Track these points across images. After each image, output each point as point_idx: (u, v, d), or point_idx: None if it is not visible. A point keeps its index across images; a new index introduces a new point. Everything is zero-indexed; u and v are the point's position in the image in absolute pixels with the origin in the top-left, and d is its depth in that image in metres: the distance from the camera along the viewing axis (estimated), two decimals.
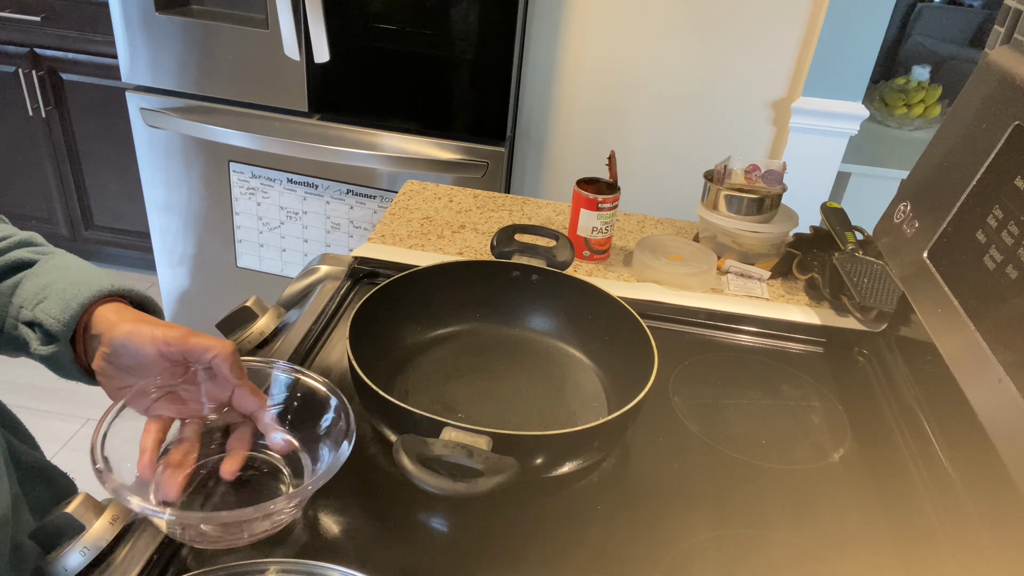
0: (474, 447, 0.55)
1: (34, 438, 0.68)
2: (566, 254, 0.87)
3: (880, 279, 0.88)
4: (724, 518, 0.63)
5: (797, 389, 0.81)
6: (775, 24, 1.82)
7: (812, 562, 0.60)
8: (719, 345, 0.88)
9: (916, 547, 0.63)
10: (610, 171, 1.03)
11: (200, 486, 0.57)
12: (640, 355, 0.70)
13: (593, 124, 2.02)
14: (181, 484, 0.55)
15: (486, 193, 1.22)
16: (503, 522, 0.60)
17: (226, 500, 0.57)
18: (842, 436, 0.75)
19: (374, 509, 0.60)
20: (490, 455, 0.55)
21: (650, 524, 0.62)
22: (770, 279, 1.01)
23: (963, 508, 0.64)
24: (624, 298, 0.77)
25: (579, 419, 0.71)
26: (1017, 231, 0.58)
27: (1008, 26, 0.70)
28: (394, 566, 0.56)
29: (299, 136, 1.71)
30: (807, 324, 0.90)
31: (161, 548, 0.53)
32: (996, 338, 0.57)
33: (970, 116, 0.71)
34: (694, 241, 1.08)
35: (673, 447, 0.71)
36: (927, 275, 0.69)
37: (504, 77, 1.66)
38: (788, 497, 0.67)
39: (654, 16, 1.86)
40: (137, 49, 1.72)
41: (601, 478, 0.66)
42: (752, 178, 1.02)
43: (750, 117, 1.95)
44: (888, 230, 0.80)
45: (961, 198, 0.67)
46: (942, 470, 0.69)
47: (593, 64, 1.94)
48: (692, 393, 0.78)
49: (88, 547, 0.50)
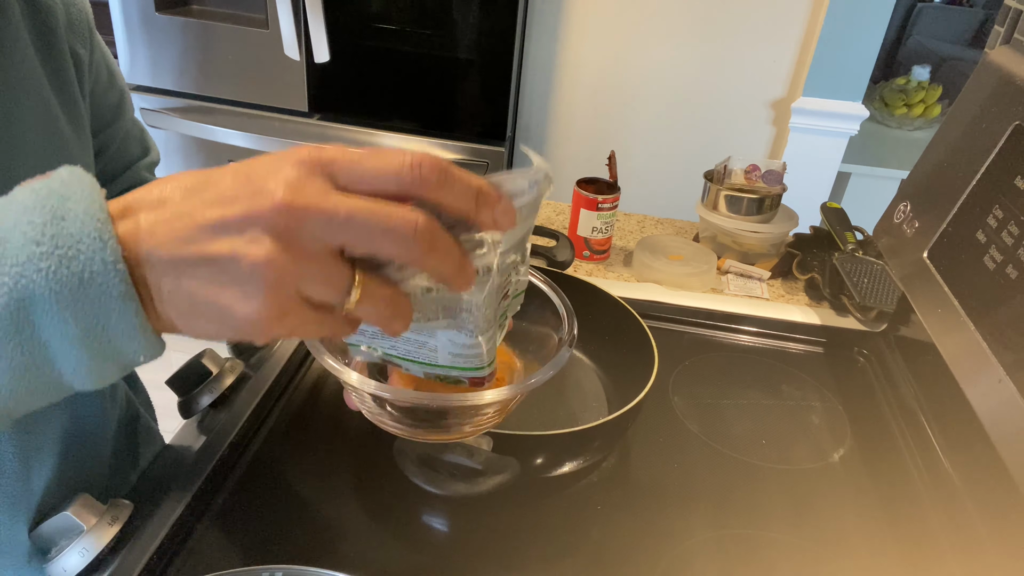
0: (474, 447, 0.55)
1: (153, 407, 0.70)
2: (566, 254, 0.87)
3: (880, 279, 0.88)
4: (724, 518, 0.63)
5: (797, 389, 0.81)
6: (775, 24, 1.82)
7: (812, 562, 0.60)
8: (719, 345, 0.88)
9: (916, 547, 0.63)
10: (610, 171, 1.03)
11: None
12: (640, 355, 0.70)
13: (593, 124, 2.03)
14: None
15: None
16: (503, 522, 0.60)
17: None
18: (842, 436, 0.75)
19: (374, 509, 0.60)
20: (490, 455, 0.55)
21: (650, 524, 0.62)
22: (770, 279, 1.01)
23: (963, 508, 0.64)
24: (624, 298, 0.77)
25: (579, 419, 0.71)
26: (1017, 231, 0.58)
27: (1008, 26, 0.70)
28: (394, 566, 0.56)
29: (299, 136, 1.71)
30: (807, 324, 0.90)
31: (161, 549, 0.53)
32: (996, 338, 0.57)
33: (970, 116, 0.71)
34: (694, 241, 1.08)
35: (673, 447, 0.71)
36: (927, 275, 0.69)
37: (504, 77, 1.66)
38: (788, 497, 0.67)
39: (654, 16, 1.86)
40: (137, 49, 1.72)
41: (601, 478, 0.66)
42: (752, 178, 1.02)
43: (750, 117, 1.95)
44: (888, 230, 0.80)
45: (961, 198, 0.67)
46: (942, 470, 0.69)
47: (593, 64, 1.94)
48: (692, 393, 0.78)
49: (88, 547, 0.50)
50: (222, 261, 0.30)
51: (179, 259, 0.30)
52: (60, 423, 0.52)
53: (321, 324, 0.32)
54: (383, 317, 0.33)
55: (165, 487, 0.57)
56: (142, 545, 0.52)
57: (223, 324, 0.31)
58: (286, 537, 0.57)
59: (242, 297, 0.30)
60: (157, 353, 0.34)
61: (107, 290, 0.30)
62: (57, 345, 0.31)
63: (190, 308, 0.31)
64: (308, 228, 0.30)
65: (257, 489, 0.61)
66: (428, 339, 0.39)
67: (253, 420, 0.66)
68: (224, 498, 0.59)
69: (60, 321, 0.30)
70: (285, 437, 0.67)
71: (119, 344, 0.32)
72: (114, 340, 0.32)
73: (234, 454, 0.63)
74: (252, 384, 0.69)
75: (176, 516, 0.55)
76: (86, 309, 0.30)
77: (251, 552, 0.55)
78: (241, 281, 0.30)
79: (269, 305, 0.30)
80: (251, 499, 0.60)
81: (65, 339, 0.31)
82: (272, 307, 0.30)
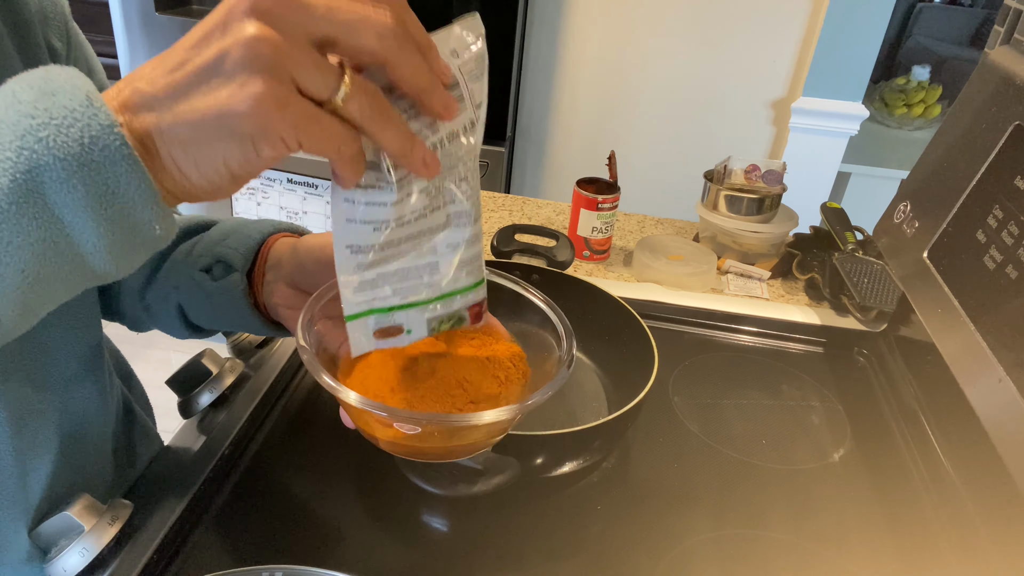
0: None
1: (151, 405, 0.70)
2: (566, 254, 0.87)
3: (880, 279, 0.88)
4: (724, 518, 0.63)
5: (797, 389, 0.81)
6: (775, 24, 1.82)
7: (812, 562, 0.60)
8: (719, 345, 0.88)
9: (916, 547, 0.63)
10: (610, 171, 1.03)
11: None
12: (640, 355, 0.70)
13: (593, 124, 2.03)
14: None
15: (486, 193, 1.22)
16: (503, 522, 0.60)
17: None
18: (842, 436, 0.75)
19: (374, 509, 0.60)
20: (490, 455, 0.55)
21: (650, 524, 0.62)
22: (770, 279, 1.01)
23: (963, 508, 0.64)
24: (624, 298, 0.77)
25: (579, 419, 0.71)
26: (1017, 231, 0.58)
27: (1008, 26, 0.70)
28: (394, 566, 0.56)
29: None
30: (807, 324, 0.90)
31: (161, 549, 0.53)
32: (996, 338, 0.57)
33: (970, 116, 0.71)
34: (694, 241, 1.08)
35: (673, 447, 0.71)
36: (927, 275, 0.69)
37: (504, 77, 1.66)
38: (788, 497, 0.67)
39: (654, 16, 1.86)
40: (137, 49, 1.72)
41: (601, 478, 0.66)
42: (752, 178, 1.02)
43: (750, 117, 1.95)
44: (888, 230, 0.80)
45: (961, 198, 0.67)
46: (942, 470, 0.69)
47: (593, 64, 1.94)
48: (692, 393, 0.78)
49: (88, 547, 0.50)
50: (213, 62, 0.30)
51: (172, 87, 0.31)
52: (55, 421, 0.52)
53: (321, 122, 0.31)
54: (375, 113, 0.33)
55: (165, 487, 0.57)
56: (142, 545, 0.52)
57: (230, 137, 0.31)
58: (286, 537, 0.57)
59: (240, 87, 0.29)
60: (171, 225, 0.34)
61: (109, 153, 0.31)
62: (71, 217, 0.31)
63: (192, 133, 0.31)
64: (290, 15, 0.30)
65: (257, 489, 0.61)
66: (430, 257, 0.39)
67: (253, 420, 0.66)
68: (224, 498, 0.59)
69: (69, 188, 0.31)
70: (285, 437, 0.67)
71: (132, 211, 0.32)
72: (126, 207, 0.32)
73: (234, 454, 0.63)
74: (252, 384, 0.69)
75: (176, 516, 0.55)
76: (92, 173, 0.31)
77: (251, 552, 0.55)
78: (236, 69, 0.29)
79: (268, 87, 0.29)
80: (251, 499, 0.60)
81: (78, 208, 0.31)
82: (271, 89, 0.29)
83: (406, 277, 0.40)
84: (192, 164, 0.32)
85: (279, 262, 0.56)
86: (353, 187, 0.36)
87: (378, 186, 0.36)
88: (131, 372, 0.70)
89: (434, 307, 0.41)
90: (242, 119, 0.30)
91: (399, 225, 0.38)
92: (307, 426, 0.68)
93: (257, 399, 0.67)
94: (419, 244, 0.39)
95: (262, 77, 0.29)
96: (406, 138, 0.34)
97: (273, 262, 0.56)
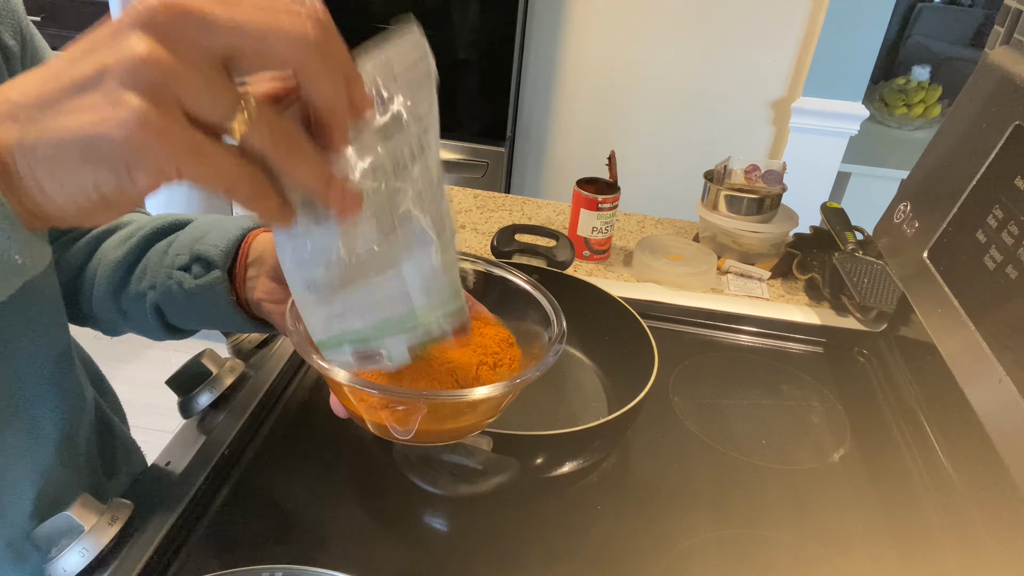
0: (474, 447, 0.55)
1: (124, 411, 0.67)
2: (566, 254, 0.87)
3: (880, 279, 0.88)
4: (724, 518, 0.63)
5: (797, 389, 0.81)
6: (775, 24, 1.82)
7: (812, 562, 0.60)
8: (719, 345, 0.88)
9: (916, 547, 0.63)
10: (610, 171, 1.03)
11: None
12: (640, 355, 0.70)
13: (593, 124, 2.03)
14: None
15: (486, 193, 1.22)
16: (503, 522, 0.60)
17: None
18: (842, 436, 0.75)
19: (374, 509, 0.60)
20: (490, 455, 0.55)
21: (650, 524, 0.62)
22: (770, 279, 1.01)
23: (963, 508, 0.64)
24: (624, 298, 0.77)
25: (579, 419, 0.71)
26: (1017, 231, 0.58)
27: (1008, 26, 0.70)
28: (394, 566, 0.56)
29: None
30: (807, 324, 0.90)
31: (161, 549, 0.53)
32: (996, 338, 0.57)
33: (970, 116, 0.71)
34: (694, 241, 1.08)
35: (673, 447, 0.71)
36: (927, 275, 0.69)
37: (504, 77, 1.66)
38: (788, 497, 0.67)
39: (654, 16, 1.86)
40: None
41: (601, 478, 0.66)
42: (752, 178, 1.02)
43: (750, 117, 1.95)
44: (888, 230, 0.80)
45: (961, 198, 0.67)
46: (942, 470, 0.69)
47: (593, 64, 1.94)
48: (692, 393, 0.78)
49: (88, 547, 0.50)
50: (90, 77, 0.26)
51: (41, 99, 0.27)
52: (23, 429, 0.50)
53: (206, 154, 0.27)
54: (280, 147, 0.29)
55: (165, 487, 0.57)
56: (142, 545, 0.52)
57: (99, 161, 0.27)
58: (286, 537, 0.57)
59: (113, 109, 0.26)
60: (39, 253, 0.31)
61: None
62: None
63: (56, 152, 0.27)
64: (187, 27, 0.26)
65: (257, 489, 0.61)
66: (396, 284, 0.37)
67: (252, 420, 0.66)
68: (224, 498, 0.59)
69: None
70: (285, 437, 0.67)
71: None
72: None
73: (234, 454, 0.63)
74: (252, 384, 0.69)
75: (176, 516, 0.55)
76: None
77: (251, 552, 0.55)
78: (113, 87, 0.26)
79: (144, 111, 0.26)
80: (251, 499, 0.60)
81: None
82: (147, 114, 0.26)
83: (376, 307, 0.38)
84: (57, 186, 0.28)
85: (261, 256, 0.55)
86: (290, 227, 0.33)
87: (319, 221, 0.34)
88: (103, 378, 0.68)
89: (411, 334, 0.40)
90: (111, 144, 0.26)
91: (353, 257, 0.35)
92: (307, 426, 0.68)
93: (257, 399, 0.67)
94: (382, 271, 0.37)
95: (141, 99, 0.26)
96: (319, 174, 0.30)
97: (254, 257, 0.55)
